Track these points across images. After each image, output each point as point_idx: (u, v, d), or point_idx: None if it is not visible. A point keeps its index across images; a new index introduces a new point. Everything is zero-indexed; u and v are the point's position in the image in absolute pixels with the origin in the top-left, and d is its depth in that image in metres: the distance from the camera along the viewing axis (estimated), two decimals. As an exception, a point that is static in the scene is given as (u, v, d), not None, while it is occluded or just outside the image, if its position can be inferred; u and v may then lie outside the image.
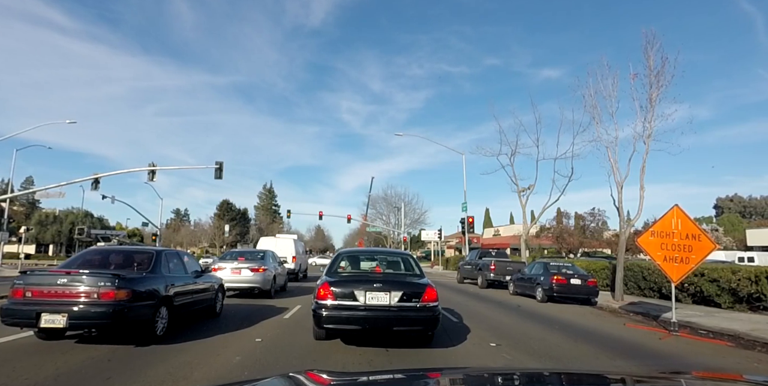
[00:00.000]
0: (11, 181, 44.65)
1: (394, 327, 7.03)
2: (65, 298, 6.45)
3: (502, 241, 56.59)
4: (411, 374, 2.68)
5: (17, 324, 6.61)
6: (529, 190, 24.63)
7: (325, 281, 7.25)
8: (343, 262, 8.59)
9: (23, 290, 6.58)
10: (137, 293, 6.81)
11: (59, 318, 6.33)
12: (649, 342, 9.12)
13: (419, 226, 62.71)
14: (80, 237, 43.45)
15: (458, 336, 8.60)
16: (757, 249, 40.41)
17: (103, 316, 6.41)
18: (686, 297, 15.51)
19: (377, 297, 6.94)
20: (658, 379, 2.30)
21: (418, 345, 7.44)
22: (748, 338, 9.27)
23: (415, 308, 6.99)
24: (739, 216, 71.56)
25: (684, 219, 10.59)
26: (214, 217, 77.56)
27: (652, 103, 15.21)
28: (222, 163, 29.11)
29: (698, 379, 2.37)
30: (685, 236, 10.43)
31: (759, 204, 79.74)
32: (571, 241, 42.94)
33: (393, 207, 63.72)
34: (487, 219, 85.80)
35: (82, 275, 6.62)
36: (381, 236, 66.78)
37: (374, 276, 7.70)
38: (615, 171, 15.97)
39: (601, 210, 45.71)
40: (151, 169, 29.50)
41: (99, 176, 29.53)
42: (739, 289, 13.66)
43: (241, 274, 13.99)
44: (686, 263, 10.35)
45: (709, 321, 11.12)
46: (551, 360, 6.99)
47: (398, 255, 9.78)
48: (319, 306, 6.97)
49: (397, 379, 2.36)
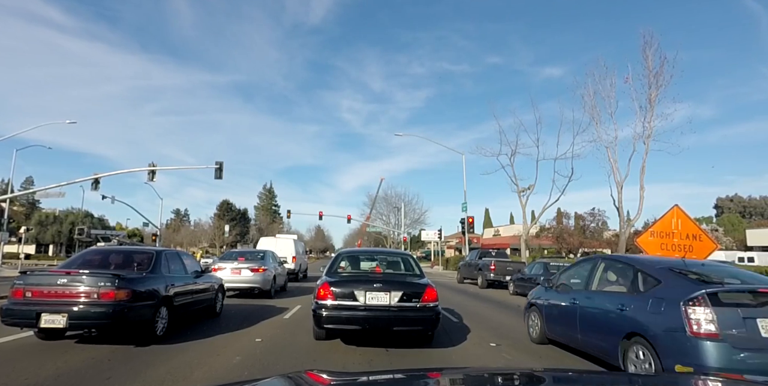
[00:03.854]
0: (11, 181, 44.74)
1: (394, 327, 7.03)
2: (65, 298, 6.46)
3: (502, 241, 56.61)
4: (411, 374, 2.68)
5: (17, 324, 6.62)
6: (529, 190, 24.68)
7: (325, 281, 7.26)
8: (343, 262, 8.60)
9: (23, 290, 6.58)
10: (137, 293, 6.81)
11: (59, 318, 6.33)
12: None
13: (419, 226, 62.79)
14: (80, 237, 43.43)
15: (458, 336, 8.60)
16: (757, 250, 40.44)
17: (103, 316, 6.42)
18: (686, 297, 15.49)
19: (377, 297, 6.94)
20: (659, 379, 2.30)
21: (418, 345, 7.44)
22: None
23: (415, 308, 7.00)
24: (739, 216, 71.55)
25: (684, 219, 10.59)
26: (214, 217, 77.63)
27: (652, 104, 15.27)
28: (222, 163, 29.14)
29: (698, 379, 2.37)
30: (686, 236, 10.43)
31: (759, 204, 79.69)
32: (571, 241, 42.93)
33: (393, 208, 63.79)
34: (487, 219, 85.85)
35: (82, 275, 6.63)
36: (381, 236, 66.80)
37: (374, 276, 7.70)
38: (615, 171, 16.03)
39: (601, 211, 45.75)
40: (151, 169, 29.51)
41: (99, 176, 29.54)
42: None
43: (241, 274, 13.99)
44: (686, 263, 10.34)
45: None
46: (551, 361, 6.99)
47: (398, 255, 9.79)
48: (319, 306, 6.97)
49: (397, 379, 2.36)
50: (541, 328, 7.94)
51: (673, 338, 5.02)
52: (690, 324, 4.88)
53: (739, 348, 4.75)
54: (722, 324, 4.81)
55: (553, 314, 7.64)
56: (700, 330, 4.83)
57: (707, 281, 5.37)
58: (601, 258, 7.47)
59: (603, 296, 6.55)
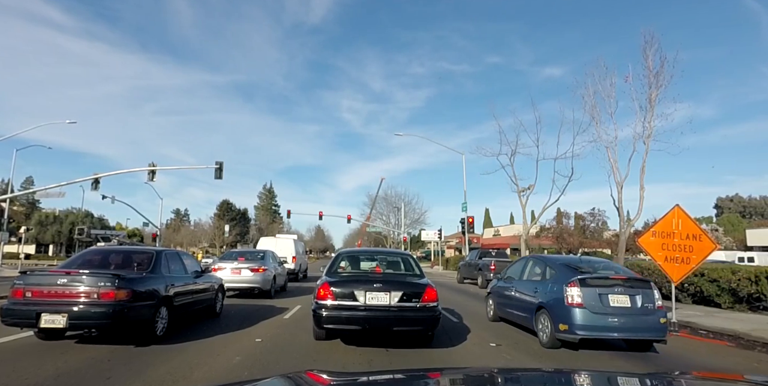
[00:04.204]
0: (11, 181, 44.73)
1: (394, 327, 7.03)
2: (65, 298, 6.46)
3: (502, 241, 56.60)
4: (411, 374, 2.68)
5: (17, 324, 6.62)
6: (529, 190, 24.60)
7: (325, 281, 7.25)
8: (343, 262, 8.60)
9: (23, 290, 6.58)
10: (137, 293, 6.81)
11: (59, 318, 6.33)
12: (649, 342, 9.10)
13: (419, 226, 62.74)
14: (80, 237, 43.45)
15: (458, 336, 8.60)
16: (757, 249, 40.43)
17: (103, 316, 6.42)
18: (686, 297, 15.50)
19: (377, 297, 6.94)
20: (658, 379, 2.30)
21: (418, 345, 7.44)
22: (748, 338, 9.27)
23: (415, 308, 7.00)
24: (739, 216, 71.59)
25: (685, 219, 10.58)
26: (214, 217, 77.59)
27: (652, 103, 15.25)
28: (222, 163, 29.13)
29: (698, 379, 2.37)
30: (686, 236, 10.42)
31: (759, 204, 79.71)
32: (571, 241, 42.94)
33: (393, 208, 63.76)
34: (487, 219, 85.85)
35: (82, 275, 6.63)
36: (381, 236, 66.76)
37: (374, 276, 7.70)
38: (615, 171, 16.02)
39: (601, 210, 45.77)
40: (151, 169, 29.51)
41: (99, 176, 29.53)
42: (739, 289, 13.65)
43: (241, 274, 13.99)
44: (687, 263, 10.35)
45: (709, 322, 11.11)
46: (551, 361, 6.99)
47: (398, 255, 9.78)
48: (319, 306, 6.97)
49: (397, 379, 2.36)
50: (494, 310, 10.48)
51: (559, 307, 7.65)
52: (567, 298, 7.55)
53: (594, 313, 7.41)
54: (585, 298, 7.48)
55: (500, 298, 10.23)
56: (573, 301, 7.50)
57: (583, 271, 8.07)
58: (529, 257, 10.46)
59: (527, 283, 9.17)
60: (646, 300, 7.59)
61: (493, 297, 10.57)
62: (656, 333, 7.55)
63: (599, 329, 7.36)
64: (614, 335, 7.51)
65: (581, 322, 7.30)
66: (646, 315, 7.54)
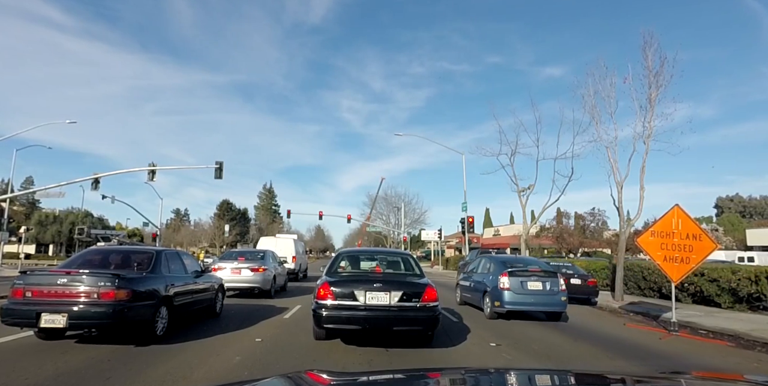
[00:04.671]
0: (11, 181, 44.69)
1: (394, 327, 7.03)
2: (65, 298, 6.45)
3: (502, 241, 56.61)
4: (411, 374, 2.68)
5: (17, 324, 6.61)
6: (529, 190, 24.52)
7: (325, 281, 7.25)
8: (343, 262, 8.59)
9: (23, 290, 6.58)
10: (137, 293, 6.81)
11: (59, 318, 6.33)
12: (649, 342, 9.11)
13: (419, 226, 62.73)
14: (80, 237, 43.45)
15: (458, 336, 8.60)
16: (757, 249, 40.44)
17: (103, 316, 6.42)
18: (686, 297, 15.51)
19: (377, 297, 6.94)
20: (658, 379, 2.30)
21: (418, 345, 7.44)
22: (748, 338, 9.27)
23: (415, 308, 6.99)
24: (739, 216, 71.57)
25: (685, 219, 10.57)
26: (214, 217, 77.54)
27: (652, 103, 15.20)
28: (222, 163, 29.12)
29: (698, 379, 2.37)
30: (686, 236, 10.41)
31: (759, 204, 79.69)
32: (571, 241, 42.97)
33: (393, 207, 63.73)
34: (487, 219, 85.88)
35: (82, 275, 6.62)
36: (381, 236, 66.75)
37: (374, 276, 7.70)
38: (615, 171, 15.99)
39: (601, 210, 45.82)
40: (151, 169, 29.50)
41: (99, 176, 29.53)
42: (739, 289, 13.66)
43: (241, 274, 13.99)
44: (686, 263, 10.34)
45: (709, 321, 11.11)
46: (551, 360, 6.99)
47: (398, 255, 9.78)
48: (319, 306, 6.97)
49: (397, 379, 2.36)
50: (460, 296, 14.04)
51: (496, 291, 11.04)
52: (500, 284, 10.95)
53: (517, 294, 10.83)
54: (512, 284, 10.90)
55: (463, 287, 13.88)
56: (504, 286, 10.91)
57: (513, 266, 11.47)
58: (483, 257, 14.12)
59: (480, 275, 12.60)
60: (553, 285, 11.08)
61: (459, 287, 14.36)
62: (559, 307, 11.09)
63: (520, 304, 10.87)
64: (531, 308, 11.18)
65: (508, 300, 10.78)
66: (553, 295, 11.03)
